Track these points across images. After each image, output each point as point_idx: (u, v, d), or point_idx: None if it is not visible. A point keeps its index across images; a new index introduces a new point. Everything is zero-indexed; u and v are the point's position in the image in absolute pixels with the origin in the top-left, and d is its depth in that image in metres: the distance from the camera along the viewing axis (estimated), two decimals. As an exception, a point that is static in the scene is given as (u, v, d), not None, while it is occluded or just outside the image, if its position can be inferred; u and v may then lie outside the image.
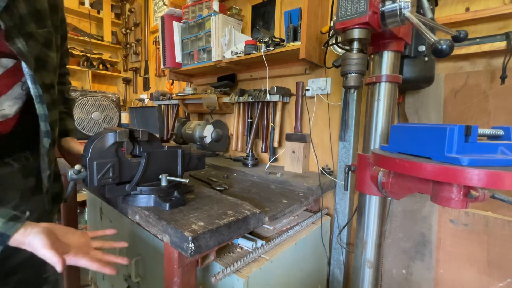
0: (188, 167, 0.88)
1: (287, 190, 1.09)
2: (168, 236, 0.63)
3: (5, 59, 0.53)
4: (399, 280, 1.13)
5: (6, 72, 0.54)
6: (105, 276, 1.45)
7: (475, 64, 0.95)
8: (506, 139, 0.47)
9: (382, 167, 0.64)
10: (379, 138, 0.74)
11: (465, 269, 0.98)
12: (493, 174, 0.36)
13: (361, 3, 0.58)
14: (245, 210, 0.74)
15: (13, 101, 0.58)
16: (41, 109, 0.59)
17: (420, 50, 0.79)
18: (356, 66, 0.63)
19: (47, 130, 0.62)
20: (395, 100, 0.74)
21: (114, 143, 0.69)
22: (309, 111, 1.36)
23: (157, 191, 0.75)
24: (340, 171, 1.21)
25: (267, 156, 1.53)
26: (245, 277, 0.73)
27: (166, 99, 1.96)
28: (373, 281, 0.77)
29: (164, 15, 1.73)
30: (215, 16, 1.45)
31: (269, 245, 0.88)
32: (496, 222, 0.91)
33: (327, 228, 1.21)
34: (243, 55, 1.36)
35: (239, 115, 1.56)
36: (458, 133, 0.41)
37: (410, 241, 1.09)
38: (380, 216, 0.75)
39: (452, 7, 0.97)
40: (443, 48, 0.52)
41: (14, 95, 0.58)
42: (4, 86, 0.54)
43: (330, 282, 1.26)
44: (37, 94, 0.57)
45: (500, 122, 0.90)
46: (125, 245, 0.67)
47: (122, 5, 3.05)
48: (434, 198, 0.49)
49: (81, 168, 0.64)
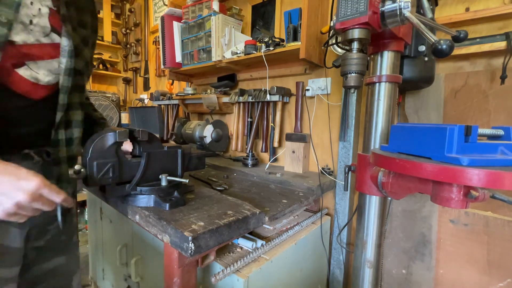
0: (188, 167, 0.88)
1: (287, 190, 1.09)
2: (168, 236, 0.63)
3: (56, 35, 0.64)
4: (399, 280, 1.13)
5: (52, 44, 0.64)
6: (105, 276, 1.45)
7: (475, 64, 0.95)
8: (506, 139, 0.47)
9: (382, 167, 0.64)
10: (379, 138, 0.74)
11: (465, 269, 0.98)
12: (493, 174, 0.36)
13: (361, 3, 0.58)
14: (245, 210, 0.74)
15: (47, 71, 0.64)
16: (66, 81, 0.66)
17: (420, 50, 0.79)
18: (356, 66, 0.63)
19: (64, 103, 0.66)
20: (395, 100, 0.74)
21: (114, 143, 0.69)
22: (309, 111, 1.36)
23: (157, 191, 0.75)
24: (340, 171, 1.21)
25: (267, 156, 1.53)
26: (245, 277, 0.73)
27: (166, 99, 1.96)
28: (373, 281, 0.77)
29: (164, 15, 1.73)
30: (215, 16, 1.45)
31: (269, 245, 0.88)
32: (496, 222, 0.91)
33: (327, 228, 1.21)
34: (243, 55, 1.36)
35: (239, 115, 1.56)
36: (458, 133, 0.41)
37: (410, 241, 1.09)
38: (380, 216, 0.75)
39: (452, 7, 0.97)
40: (443, 48, 0.52)
41: (50, 67, 0.64)
42: (46, 54, 0.63)
43: (330, 282, 1.26)
44: (67, 67, 0.65)
45: (500, 122, 0.90)
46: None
47: (122, 5, 3.05)
48: (434, 198, 0.49)
49: (81, 168, 0.64)
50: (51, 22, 0.62)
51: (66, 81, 0.66)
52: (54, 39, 0.63)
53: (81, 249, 1.84)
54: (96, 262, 1.55)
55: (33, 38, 0.60)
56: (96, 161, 0.66)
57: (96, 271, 1.57)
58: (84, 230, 2.54)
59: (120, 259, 1.19)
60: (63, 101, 0.66)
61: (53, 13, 0.62)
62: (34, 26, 0.60)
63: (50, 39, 0.62)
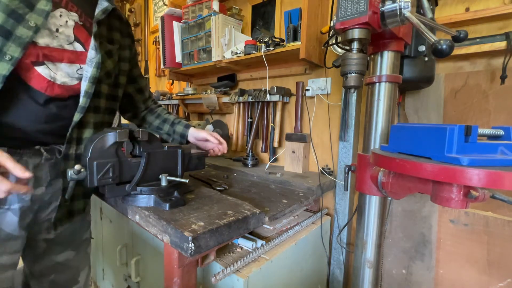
0: (188, 167, 0.88)
1: (287, 190, 1.09)
2: (168, 236, 0.63)
3: (79, 44, 0.73)
4: (399, 280, 1.13)
5: (74, 52, 0.72)
6: (105, 276, 1.45)
7: (475, 64, 0.95)
8: (506, 139, 0.47)
9: (382, 167, 0.64)
10: (379, 138, 0.74)
11: (465, 269, 0.98)
12: (493, 174, 0.36)
13: (361, 3, 0.58)
14: (245, 210, 0.74)
15: (65, 73, 0.71)
16: (88, 87, 0.72)
17: (420, 50, 0.79)
18: (356, 66, 0.63)
19: (84, 106, 0.72)
20: (395, 100, 0.74)
21: (114, 143, 0.69)
22: (309, 111, 1.36)
23: (157, 191, 0.75)
24: (340, 171, 1.21)
25: (267, 156, 1.53)
26: (245, 277, 0.73)
27: (166, 99, 1.96)
28: (373, 281, 0.77)
29: (164, 15, 1.73)
30: (215, 16, 1.45)
31: (269, 245, 0.88)
32: (496, 222, 0.91)
33: (327, 228, 1.21)
34: (243, 55, 1.36)
35: (239, 115, 1.56)
36: (458, 133, 0.41)
37: (410, 241, 1.09)
38: (380, 216, 0.75)
39: (452, 7, 0.97)
40: (443, 48, 0.52)
41: (68, 71, 0.71)
42: (66, 58, 0.70)
43: (330, 282, 1.26)
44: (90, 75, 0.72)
45: (500, 122, 0.90)
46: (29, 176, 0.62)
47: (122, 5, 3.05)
48: (434, 198, 0.49)
49: (81, 168, 0.64)
50: (75, 33, 0.72)
51: (90, 88, 0.73)
52: (76, 47, 0.72)
53: (81, 249, 1.82)
54: (96, 262, 1.55)
55: (56, 43, 0.68)
56: (96, 161, 0.66)
57: (96, 271, 1.57)
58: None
59: (120, 259, 1.19)
60: (85, 104, 0.72)
61: (78, 27, 0.72)
62: (60, 34, 0.68)
63: (72, 47, 0.72)
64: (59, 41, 0.68)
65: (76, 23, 0.72)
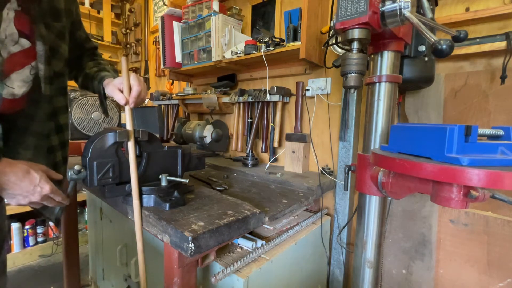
0: (188, 167, 0.88)
1: (287, 190, 1.09)
2: (168, 236, 0.63)
3: (25, 39, 0.61)
4: (399, 280, 1.13)
5: (23, 51, 0.61)
6: (105, 276, 1.45)
7: (475, 64, 0.95)
8: (506, 139, 0.47)
9: (382, 167, 0.64)
10: (379, 138, 0.74)
11: (465, 269, 0.98)
12: (493, 174, 0.36)
13: (361, 3, 0.58)
14: (245, 210, 0.74)
15: (21, 82, 0.63)
16: (47, 89, 0.66)
17: (420, 50, 0.79)
18: (356, 66, 0.63)
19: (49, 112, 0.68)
20: (395, 100, 0.74)
21: (114, 143, 0.69)
22: (309, 111, 1.36)
23: (157, 191, 0.75)
24: (340, 171, 1.21)
25: (267, 156, 1.53)
26: (245, 277, 0.73)
27: (166, 99, 1.96)
28: (373, 281, 0.77)
29: (164, 15, 1.73)
30: (215, 16, 1.45)
31: (269, 245, 0.88)
32: (496, 222, 0.91)
33: (327, 228, 1.21)
34: (243, 55, 1.36)
35: (239, 115, 1.56)
36: (458, 133, 0.41)
37: (410, 241, 1.09)
38: (380, 216, 0.75)
39: (452, 7, 0.97)
40: (443, 48, 0.52)
41: (23, 76, 0.63)
42: (17, 64, 0.61)
43: (330, 282, 1.26)
44: (47, 75, 0.65)
45: (500, 122, 0.90)
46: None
47: (122, 5, 3.05)
48: (434, 198, 0.49)
49: (81, 168, 0.64)
50: (17, 27, 0.59)
51: (48, 90, 0.66)
52: (23, 44, 0.61)
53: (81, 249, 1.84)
54: (96, 262, 1.55)
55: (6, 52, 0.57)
56: (96, 161, 0.66)
57: (96, 271, 1.57)
58: (84, 230, 2.54)
59: (120, 259, 1.19)
60: (49, 110, 0.67)
61: (18, 15, 0.59)
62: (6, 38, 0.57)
63: (20, 46, 0.60)
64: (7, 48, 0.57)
65: (16, 11, 0.59)
